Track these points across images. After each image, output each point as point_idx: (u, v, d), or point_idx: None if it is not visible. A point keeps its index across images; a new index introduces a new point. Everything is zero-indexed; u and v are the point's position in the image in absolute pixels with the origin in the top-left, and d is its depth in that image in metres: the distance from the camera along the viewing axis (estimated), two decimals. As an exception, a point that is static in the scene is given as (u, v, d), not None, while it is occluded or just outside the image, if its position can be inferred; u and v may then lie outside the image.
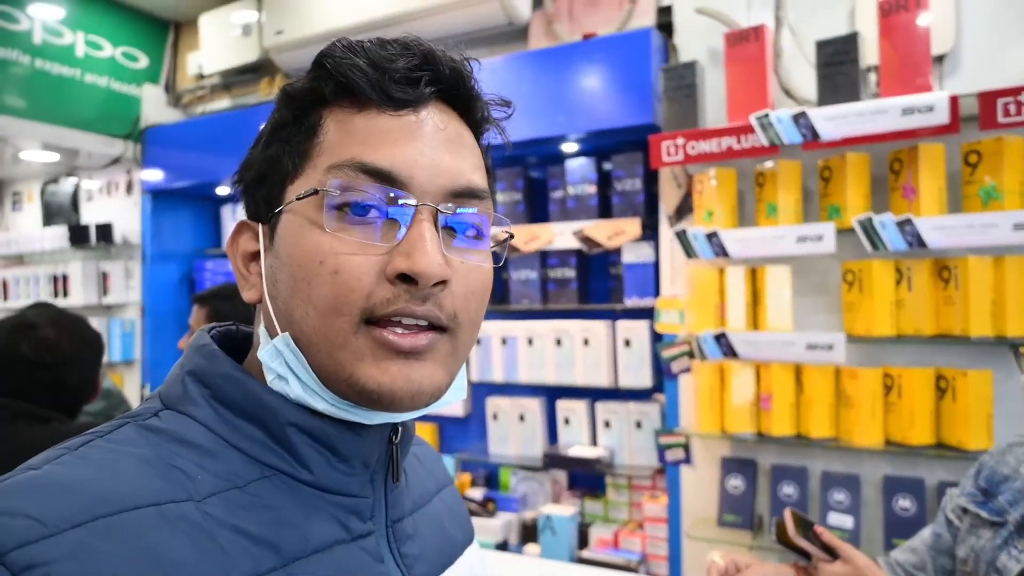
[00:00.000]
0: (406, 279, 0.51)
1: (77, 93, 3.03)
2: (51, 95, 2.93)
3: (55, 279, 3.37)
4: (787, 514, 1.27)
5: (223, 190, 3.31)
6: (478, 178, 0.57)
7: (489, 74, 0.61)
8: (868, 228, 1.80)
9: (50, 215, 3.62)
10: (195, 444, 0.52)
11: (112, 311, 3.41)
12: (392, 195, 0.52)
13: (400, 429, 0.59)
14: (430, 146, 0.54)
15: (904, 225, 1.76)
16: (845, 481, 1.96)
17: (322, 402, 0.53)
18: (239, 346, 0.62)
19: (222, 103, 3.28)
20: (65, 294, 3.34)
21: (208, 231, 3.54)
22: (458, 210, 0.55)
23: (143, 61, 3.28)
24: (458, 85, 0.57)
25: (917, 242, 1.75)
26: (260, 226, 0.57)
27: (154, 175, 3.23)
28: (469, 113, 0.59)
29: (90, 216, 3.46)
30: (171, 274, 3.37)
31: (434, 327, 0.53)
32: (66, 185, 3.58)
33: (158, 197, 3.28)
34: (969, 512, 1.15)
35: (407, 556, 0.59)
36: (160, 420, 0.54)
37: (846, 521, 1.92)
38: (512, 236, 0.63)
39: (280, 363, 0.54)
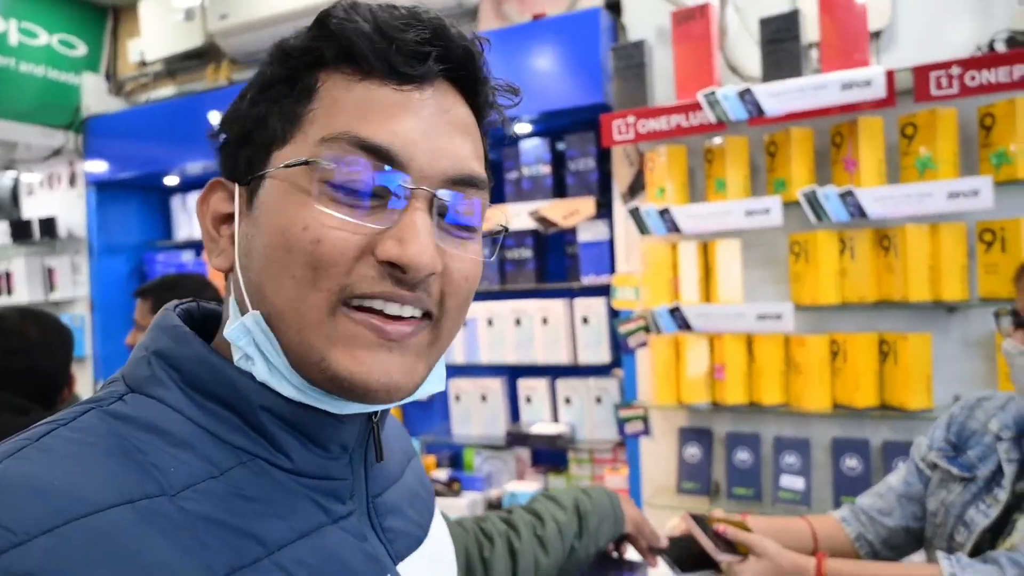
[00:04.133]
0: (394, 266, 0.48)
1: (12, 83, 2.92)
2: (-16, 85, 2.82)
3: (-3, 276, 3.27)
4: (685, 519, 1.21)
5: (171, 180, 3.24)
6: (478, 166, 0.54)
7: None
8: (812, 200, 1.86)
9: (-12, 211, 3.49)
10: (166, 432, 0.48)
11: (60, 307, 3.31)
12: (388, 175, 0.49)
13: (378, 411, 0.57)
14: (433, 127, 0.51)
15: (846, 196, 1.83)
16: (796, 445, 2.04)
17: (290, 388, 0.50)
18: (202, 324, 0.58)
19: (167, 91, 3.20)
20: (9, 292, 3.24)
21: (157, 222, 3.46)
22: (455, 198, 0.52)
23: (81, 49, 3.17)
24: (467, 65, 0.53)
25: (859, 212, 1.82)
26: (236, 187, 0.53)
27: (98, 166, 3.14)
28: (475, 96, 0.56)
29: (32, 211, 3.35)
30: (120, 267, 3.29)
31: (423, 315, 0.52)
32: (4, 179, 3.46)
33: (103, 189, 3.19)
34: (939, 467, 1.19)
35: (389, 531, 0.58)
36: (126, 405, 0.50)
37: (797, 483, 2.00)
38: (507, 229, 0.61)
39: (248, 342, 0.50)
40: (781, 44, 1.88)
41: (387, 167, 0.49)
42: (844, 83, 1.76)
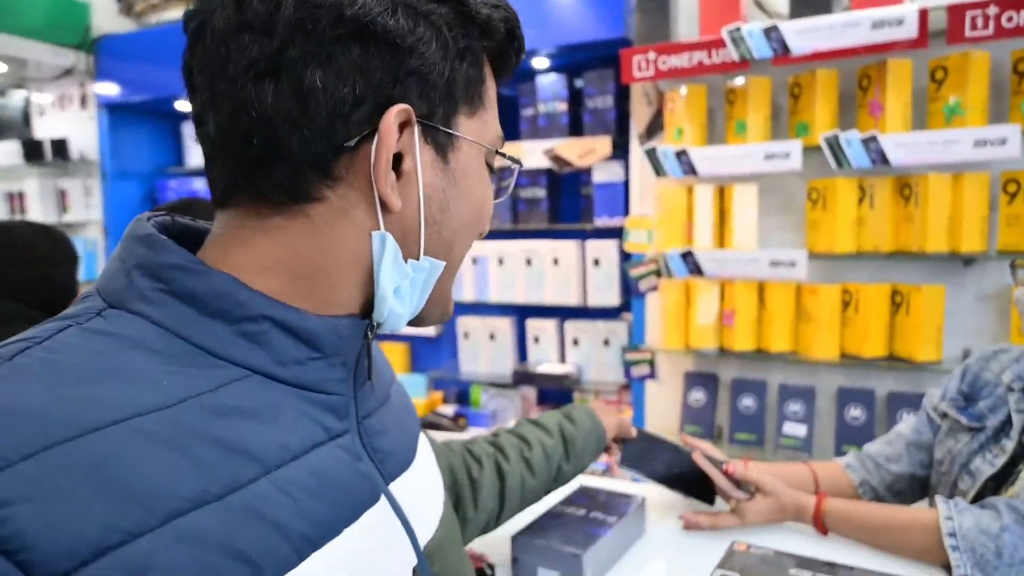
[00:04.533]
0: None
1: (22, -1, 2.86)
2: (-7, 1, 2.76)
3: (11, 197, 3.27)
4: (697, 458, 1.20)
5: (183, 106, 3.20)
6: None
7: None
8: (834, 145, 1.81)
9: (1, 130, 3.47)
10: (153, 348, 0.46)
11: (73, 229, 3.33)
12: (516, 170, 0.65)
13: (375, 327, 0.56)
14: None
15: (869, 142, 1.78)
16: (801, 392, 2.05)
17: (401, 320, 0.56)
18: (179, 239, 0.54)
19: (177, 12, 3.12)
20: (22, 212, 3.25)
21: (169, 148, 3.44)
22: None
23: (92, -35, 3.09)
24: (518, 63, 0.63)
25: (881, 160, 1.78)
26: (416, 127, 0.52)
27: (109, 88, 3.10)
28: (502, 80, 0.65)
29: (43, 131, 3.32)
30: (132, 192, 3.29)
31: None
32: (15, 98, 3.43)
33: (115, 112, 3.16)
34: (949, 416, 1.19)
35: (379, 452, 0.58)
36: (106, 321, 0.47)
37: (800, 430, 2.01)
38: (520, 163, 0.67)
39: (410, 281, 0.55)
40: (813, -21, 1.80)
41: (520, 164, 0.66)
42: (875, 21, 1.69)
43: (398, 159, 0.52)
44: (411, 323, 0.58)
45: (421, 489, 0.63)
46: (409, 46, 0.50)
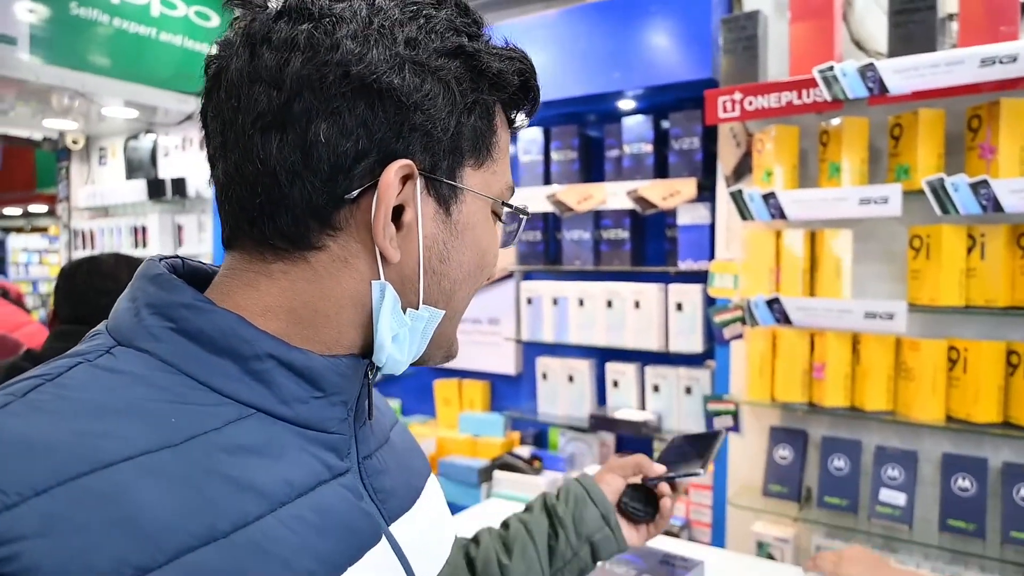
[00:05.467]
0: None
1: (154, 52, 3.14)
2: (130, 54, 3.05)
3: (135, 230, 3.56)
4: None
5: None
6: None
7: (545, 29, 0.64)
8: (938, 190, 1.67)
9: (132, 169, 3.81)
10: (160, 386, 0.47)
11: (187, 262, 3.58)
12: (523, 221, 0.65)
13: (376, 368, 0.57)
14: None
15: (979, 187, 1.63)
16: (900, 457, 1.87)
17: (401, 365, 0.57)
18: (189, 279, 0.56)
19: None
20: (144, 245, 3.53)
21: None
22: None
23: (215, 20, 3.37)
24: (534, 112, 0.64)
25: (993, 206, 1.62)
26: (419, 181, 0.52)
27: (225, 132, 3.33)
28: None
29: (166, 171, 3.62)
30: (240, 228, 3.50)
31: None
32: (146, 141, 3.76)
33: (229, 153, 3.40)
34: None
35: (380, 491, 0.58)
36: (115, 358, 0.48)
37: (898, 498, 1.84)
38: (527, 213, 0.69)
39: (408, 329, 0.55)
40: (914, 15, 1.69)
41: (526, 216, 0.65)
42: (984, 58, 1.56)
43: (399, 211, 0.52)
44: (413, 364, 0.60)
45: (424, 530, 0.62)
46: (414, 103, 0.50)
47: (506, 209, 0.61)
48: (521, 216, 0.64)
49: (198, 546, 0.42)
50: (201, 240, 3.47)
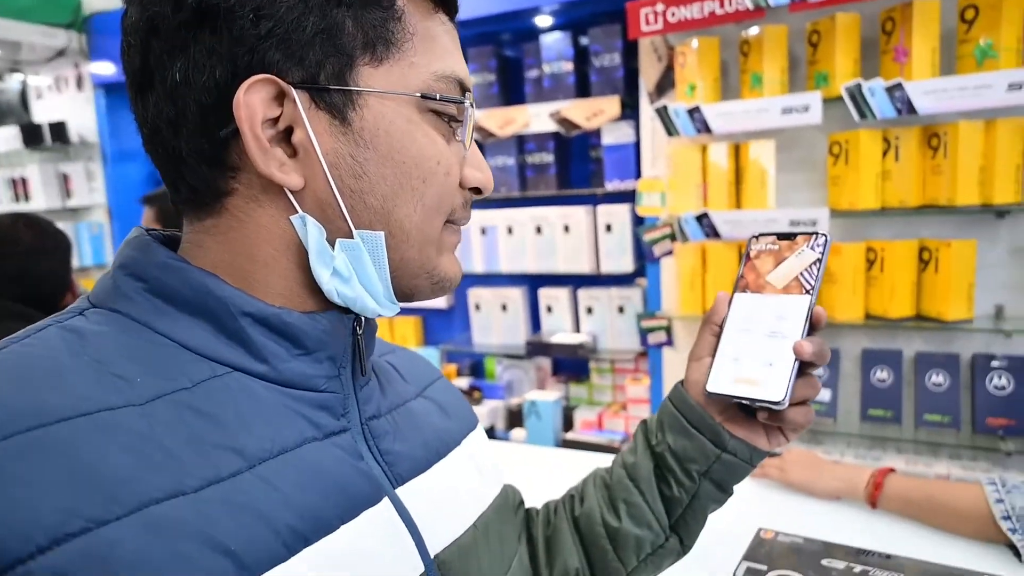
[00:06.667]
0: (475, 190, 0.56)
1: (9, -22, 2.78)
2: (-19, -19, 2.69)
3: (13, 183, 3.23)
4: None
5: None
6: None
7: None
8: (856, 96, 1.71)
9: (0, 115, 3.43)
10: (130, 344, 0.46)
11: (78, 215, 3.30)
12: (471, 112, 0.55)
13: (363, 320, 0.55)
14: None
15: (894, 91, 1.67)
16: (824, 356, 1.97)
17: (378, 300, 0.53)
18: (169, 245, 0.54)
19: (169, -15, 3.04)
20: (27, 198, 3.21)
21: (170, 127, 3.38)
22: None
23: (78, -60, 3.00)
24: None
25: (907, 109, 1.67)
26: (295, 91, 0.47)
27: (104, 68, 3.03)
28: (454, 13, 0.57)
29: (42, 115, 3.27)
30: (135, 173, 3.24)
31: None
32: (12, 82, 3.37)
33: (112, 92, 3.10)
34: None
35: (388, 453, 0.55)
36: (85, 319, 0.47)
37: (824, 394, 1.95)
38: (461, 100, 0.61)
39: (345, 261, 0.50)
40: (831, -84, 1.67)
41: (471, 105, 0.54)
42: (901, -40, 1.57)
43: (290, 132, 0.48)
44: (402, 300, 0.55)
45: (441, 493, 0.59)
46: (255, 10, 0.46)
47: (440, 102, 0.52)
48: (462, 106, 0.54)
49: (163, 499, 0.40)
50: (92, 189, 3.20)
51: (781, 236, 0.69)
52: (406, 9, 0.51)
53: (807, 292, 0.64)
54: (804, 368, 0.64)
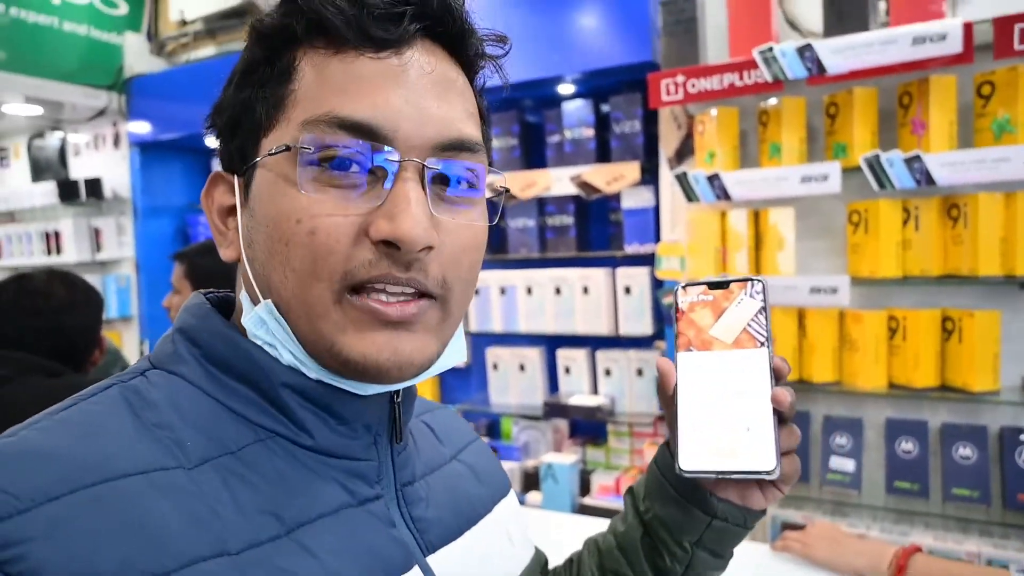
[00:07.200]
0: (389, 244, 0.46)
1: (56, 43, 2.92)
2: (30, 45, 2.83)
3: (47, 236, 3.32)
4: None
5: (213, 142, 3.23)
6: (470, 128, 0.51)
7: (481, 13, 0.53)
8: (875, 166, 1.73)
9: (38, 171, 3.55)
10: (184, 407, 0.49)
11: (106, 268, 3.37)
12: (373, 151, 0.47)
13: (401, 389, 0.55)
14: (415, 93, 0.48)
15: (912, 162, 1.69)
16: (847, 425, 1.94)
17: (313, 371, 0.50)
18: (224, 308, 0.58)
19: (207, 51, 3.17)
20: (58, 251, 3.30)
21: (200, 184, 3.43)
22: (447, 165, 0.50)
23: (123, 8, 3.16)
24: (447, 20, 0.50)
25: (926, 180, 1.69)
26: (236, 178, 0.53)
27: (141, 127, 3.14)
28: (461, 51, 0.52)
29: (78, 171, 3.39)
30: (164, 229, 3.32)
31: (422, 294, 0.49)
32: (52, 139, 3.51)
33: (147, 150, 3.21)
34: None
35: (420, 520, 0.55)
36: (147, 380, 0.50)
37: (847, 464, 1.91)
38: (507, 190, 0.61)
39: (265, 331, 0.50)
40: (847, -5, 1.73)
41: (371, 142, 0.47)
42: (916, 37, 1.62)
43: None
44: (337, 372, 0.49)
45: (472, 561, 0.59)
46: (216, 110, 0.56)
47: (306, 141, 0.47)
48: (340, 148, 0.47)
49: (209, 557, 0.42)
50: (121, 244, 3.27)
51: (713, 285, 0.63)
52: (301, 65, 0.49)
53: (761, 344, 0.59)
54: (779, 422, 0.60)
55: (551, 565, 0.81)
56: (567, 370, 2.52)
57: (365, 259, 0.47)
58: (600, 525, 0.88)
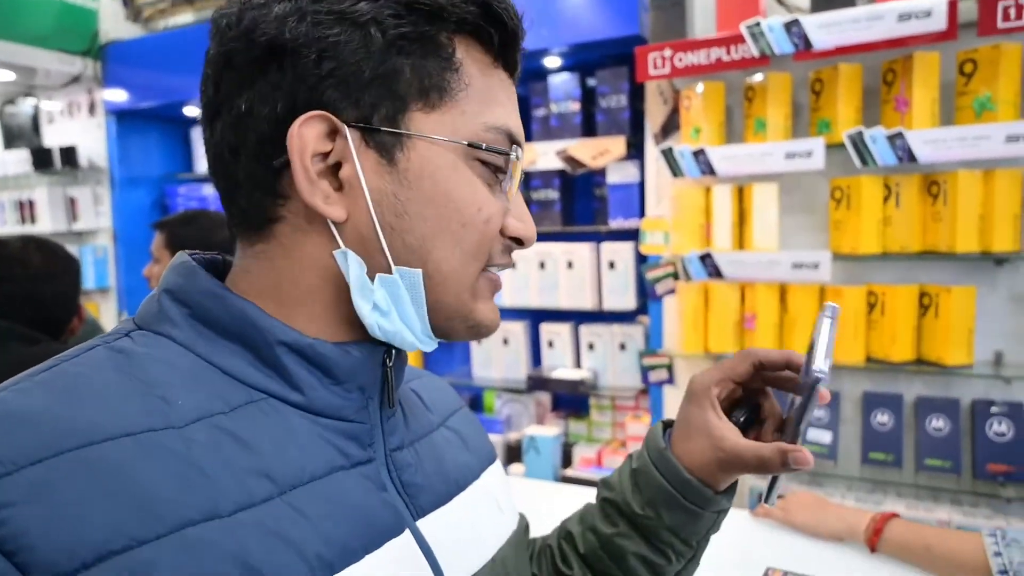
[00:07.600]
0: (517, 240, 0.56)
1: (29, 6, 2.84)
2: (1, 8, 2.74)
3: (20, 205, 3.25)
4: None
5: (192, 111, 3.17)
6: None
7: None
8: (858, 143, 1.75)
9: (11, 138, 3.46)
10: (173, 366, 0.48)
11: (83, 238, 3.31)
12: (519, 164, 0.56)
13: (393, 352, 0.56)
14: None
15: (895, 139, 1.71)
16: (825, 398, 1.98)
17: (411, 336, 0.53)
18: (224, 275, 0.57)
19: (185, 17, 3.09)
20: (33, 220, 3.23)
21: (178, 154, 3.41)
22: None
23: (98, -29, 3.07)
24: (519, 46, 0.57)
25: (908, 156, 1.71)
26: (348, 129, 0.49)
27: (117, 95, 3.07)
28: (515, 71, 0.59)
29: (52, 139, 3.31)
30: (142, 199, 3.27)
31: None
32: (25, 106, 3.41)
33: (123, 118, 3.14)
34: None
35: (409, 485, 0.56)
36: (132, 341, 0.49)
37: (825, 436, 1.95)
38: (508, 152, 0.64)
39: (383, 296, 0.51)
40: (835, -29, 1.74)
41: (519, 155, 0.56)
42: (901, 13, 1.63)
43: (338, 167, 0.51)
44: (440, 338, 0.57)
45: (460, 527, 0.60)
46: (320, 51, 0.48)
47: (487, 152, 0.53)
48: (508, 157, 0.54)
49: (199, 520, 0.41)
50: (98, 214, 3.21)
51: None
52: (464, 62, 0.52)
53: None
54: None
55: (532, 535, 0.82)
56: (551, 344, 2.54)
57: (500, 248, 0.56)
58: (583, 493, 0.88)
